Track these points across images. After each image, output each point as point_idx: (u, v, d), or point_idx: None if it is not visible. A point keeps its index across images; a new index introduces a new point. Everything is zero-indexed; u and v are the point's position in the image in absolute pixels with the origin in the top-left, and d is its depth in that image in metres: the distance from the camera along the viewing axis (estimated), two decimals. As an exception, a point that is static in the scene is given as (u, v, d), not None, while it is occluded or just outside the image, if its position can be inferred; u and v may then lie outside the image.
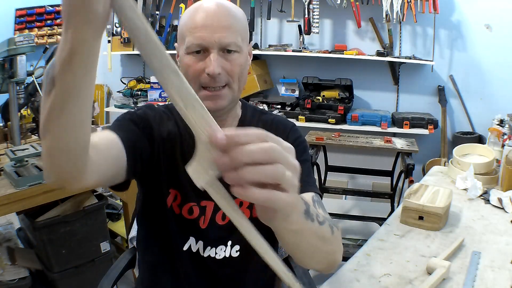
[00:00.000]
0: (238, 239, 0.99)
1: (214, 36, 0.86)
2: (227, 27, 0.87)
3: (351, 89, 3.12)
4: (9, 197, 1.54)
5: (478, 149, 1.74)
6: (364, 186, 3.25)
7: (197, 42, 0.86)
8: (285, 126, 1.03)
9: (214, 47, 0.86)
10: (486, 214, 1.35)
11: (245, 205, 0.96)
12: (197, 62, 0.88)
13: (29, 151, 1.70)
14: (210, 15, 0.87)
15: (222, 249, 0.99)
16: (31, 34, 1.85)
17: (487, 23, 2.87)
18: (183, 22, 0.90)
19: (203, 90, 0.89)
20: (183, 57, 0.89)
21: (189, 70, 0.88)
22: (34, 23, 3.65)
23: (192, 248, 0.97)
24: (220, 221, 0.97)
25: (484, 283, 0.96)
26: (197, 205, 0.96)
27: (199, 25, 0.86)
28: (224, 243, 0.99)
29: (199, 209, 0.96)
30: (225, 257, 0.99)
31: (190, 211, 0.96)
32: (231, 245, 0.99)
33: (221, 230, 0.97)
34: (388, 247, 1.12)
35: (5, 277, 1.79)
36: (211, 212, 0.96)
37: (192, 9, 0.90)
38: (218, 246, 0.98)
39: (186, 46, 0.88)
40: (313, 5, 2.97)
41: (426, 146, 3.04)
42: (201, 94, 0.89)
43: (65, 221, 1.84)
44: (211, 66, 0.86)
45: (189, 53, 0.88)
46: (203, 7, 0.88)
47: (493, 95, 2.93)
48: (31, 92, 1.88)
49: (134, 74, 3.81)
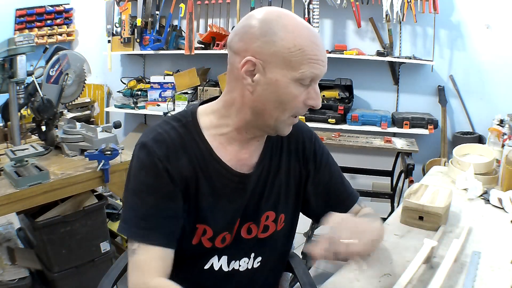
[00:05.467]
0: (261, 251, 1.00)
1: (323, 69, 0.84)
2: (326, 59, 0.85)
3: (351, 89, 3.12)
4: (9, 197, 1.54)
5: (478, 149, 1.74)
6: (364, 186, 3.25)
7: (313, 76, 0.82)
8: (309, 135, 1.04)
9: (319, 79, 0.85)
10: (486, 214, 1.35)
11: (270, 219, 0.97)
12: (302, 92, 0.84)
13: (29, 151, 1.69)
14: (319, 45, 0.83)
15: (245, 261, 0.98)
16: (31, 34, 1.85)
17: (487, 23, 2.87)
18: (294, 44, 0.80)
19: (292, 118, 0.88)
20: (288, 85, 0.81)
21: (295, 101, 0.84)
22: (34, 23, 3.66)
23: (215, 267, 0.96)
24: (245, 235, 0.96)
25: (484, 283, 0.96)
26: (229, 232, 0.94)
27: (318, 56, 0.82)
28: (248, 255, 0.98)
29: (231, 234, 0.94)
30: (247, 268, 0.99)
31: (223, 240, 0.94)
32: (254, 257, 0.99)
33: (246, 244, 0.97)
34: (388, 247, 1.12)
35: (5, 277, 1.79)
36: (237, 227, 0.95)
37: (300, 30, 0.81)
38: (242, 259, 0.98)
39: (302, 76, 0.81)
40: (313, 5, 2.97)
41: (426, 146, 3.04)
42: (288, 122, 0.88)
43: (65, 221, 1.84)
44: (318, 100, 0.85)
45: (299, 82, 0.82)
46: (312, 33, 0.83)
47: (493, 95, 2.92)
48: (31, 92, 1.88)
49: (134, 74, 3.81)
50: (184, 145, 0.88)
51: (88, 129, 1.99)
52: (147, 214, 0.84)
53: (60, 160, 1.90)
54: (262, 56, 0.81)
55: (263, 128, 0.90)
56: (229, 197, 0.92)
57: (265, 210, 0.97)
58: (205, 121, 0.92)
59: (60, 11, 3.82)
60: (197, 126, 0.90)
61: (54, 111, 1.94)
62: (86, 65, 2.08)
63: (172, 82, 3.46)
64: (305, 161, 1.01)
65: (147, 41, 3.41)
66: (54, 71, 1.94)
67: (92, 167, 1.80)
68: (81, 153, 1.93)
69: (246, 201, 0.94)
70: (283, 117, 0.86)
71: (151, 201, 0.85)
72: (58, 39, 3.78)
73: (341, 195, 1.06)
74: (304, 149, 1.01)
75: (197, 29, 3.42)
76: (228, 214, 0.93)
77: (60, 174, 1.73)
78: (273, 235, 0.99)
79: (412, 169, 2.31)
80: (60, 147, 1.97)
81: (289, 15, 0.83)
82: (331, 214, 0.85)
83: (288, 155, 1.00)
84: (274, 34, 0.80)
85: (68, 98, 2.09)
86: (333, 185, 1.05)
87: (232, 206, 0.93)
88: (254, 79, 0.82)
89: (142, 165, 0.85)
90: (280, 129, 0.89)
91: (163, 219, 0.85)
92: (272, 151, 0.98)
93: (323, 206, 1.03)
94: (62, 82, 1.97)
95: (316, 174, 1.02)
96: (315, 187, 1.03)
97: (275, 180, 0.98)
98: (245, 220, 0.96)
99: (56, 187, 1.68)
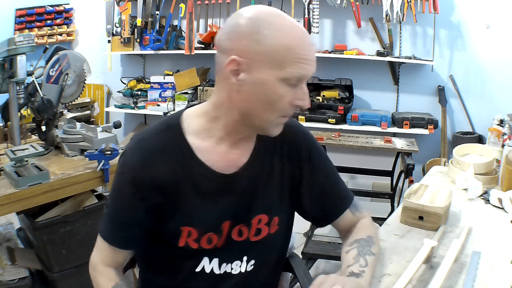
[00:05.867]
0: (254, 255, 0.98)
1: (312, 69, 0.83)
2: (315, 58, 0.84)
3: (351, 89, 3.12)
4: (9, 197, 1.54)
5: (478, 149, 1.74)
6: (364, 186, 3.25)
7: (299, 76, 0.81)
8: (304, 136, 1.02)
9: (308, 79, 0.84)
10: (486, 214, 1.35)
11: (263, 222, 0.96)
12: (289, 92, 0.82)
13: (29, 151, 1.69)
14: (308, 44, 0.82)
15: (238, 264, 0.97)
16: (31, 34, 1.85)
17: (487, 23, 2.87)
18: (280, 43, 0.79)
19: (280, 118, 0.87)
20: (275, 84, 0.80)
21: (281, 101, 0.82)
22: (34, 23, 3.65)
23: (206, 269, 0.95)
24: (236, 237, 0.95)
25: (484, 283, 0.96)
26: (215, 232, 0.93)
27: (305, 56, 0.80)
28: (240, 258, 0.97)
29: (217, 235, 0.93)
30: (240, 272, 0.97)
31: (209, 241, 0.93)
32: (246, 260, 0.97)
33: (238, 246, 0.96)
34: (388, 247, 1.12)
35: (5, 277, 1.79)
36: (227, 230, 0.94)
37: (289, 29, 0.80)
38: (234, 262, 0.97)
39: (288, 76, 0.80)
40: (313, 5, 2.97)
41: (426, 146, 3.04)
42: (276, 122, 0.87)
43: (65, 221, 1.84)
44: (306, 100, 0.84)
45: (286, 82, 0.81)
46: (301, 32, 0.81)
47: (493, 95, 2.92)
48: (31, 92, 1.88)
49: (134, 74, 3.81)
50: (165, 149, 0.89)
51: (88, 129, 1.99)
52: (111, 215, 0.94)
53: (60, 160, 1.90)
54: (249, 55, 0.80)
55: (252, 128, 0.89)
56: (213, 198, 0.91)
57: (257, 213, 0.95)
58: (193, 124, 0.92)
59: (60, 11, 3.82)
60: (180, 129, 0.91)
61: (54, 111, 1.94)
62: (86, 65, 2.08)
63: (172, 82, 3.46)
64: (300, 163, 0.99)
65: (147, 41, 3.41)
66: (54, 71, 1.94)
67: (92, 167, 1.80)
68: (81, 153, 1.93)
69: (235, 202, 0.93)
70: (270, 117, 0.85)
71: (114, 205, 0.94)
72: (58, 39, 3.78)
73: (336, 197, 1.03)
74: (299, 150, 0.99)
75: (197, 29, 3.42)
76: (213, 215, 0.92)
77: (60, 174, 1.73)
78: (267, 239, 0.98)
79: (412, 169, 2.31)
80: (60, 147, 1.97)
81: (277, 14, 0.82)
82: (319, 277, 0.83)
83: (282, 156, 0.98)
84: (261, 33, 0.79)
85: (68, 98, 2.09)
86: (328, 187, 1.02)
87: (217, 206, 0.92)
88: (240, 78, 0.81)
89: (117, 171, 0.92)
90: (268, 129, 0.88)
91: (120, 224, 0.93)
92: (264, 152, 0.96)
93: (318, 208, 1.02)
94: (62, 82, 1.98)
95: (311, 175, 1.00)
96: (310, 189, 1.00)
97: (268, 182, 0.96)
98: (236, 222, 0.94)
99: (56, 187, 1.68)
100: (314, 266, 2.39)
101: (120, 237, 0.94)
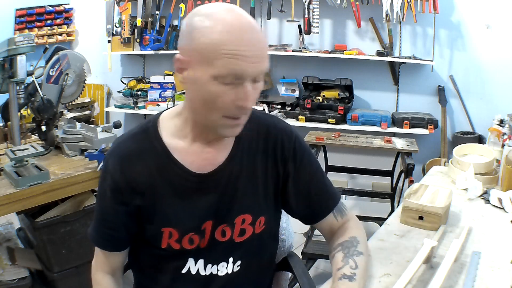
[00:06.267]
0: (240, 255, 0.97)
1: (251, 66, 0.76)
2: (263, 55, 0.78)
3: (351, 89, 3.12)
4: (9, 197, 1.54)
5: (478, 149, 1.74)
6: (364, 186, 3.25)
7: (233, 73, 0.75)
8: (289, 134, 0.98)
9: (249, 77, 0.77)
10: (486, 214, 1.35)
11: (247, 222, 0.95)
12: (226, 91, 0.77)
13: (29, 151, 1.69)
14: (246, 40, 0.75)
15: (224, 265, 0.96)
16: (31, 34, 1.85)
17: (487, 23, 2.87)
18: (208, 38, 0.75)
19: (225, 118, 0.81)
20: (208, 82, 0.76)
21: (218, 100, 0.78)
22: (34, 23, 3.65)
23: (192, 271, 0.95)
24: (220, 237, 0.94)
25: (484, 283, 0.96)
26: (196, 233, 0.92)
27: (240, 52, 0.74)
28: (225, 260, 0.96)
29: (198, 235, 0.92)
30: (227, 273, 0.96)
31: (191, 241, 0.92)
32: (232, 261, 0.96)
33: (222, 247, 0.95)
34: (388, 247, 1.12)
35: (5, 277, 1.79)
36: (210, 230, 0.93)
37: (223, 24, 0.75)
38: (219, 264, 0.95)
39: (219, 73, 0.75)
40: (313, 5, 2.97)
41: (426, 146, 3.04)
42: (221, 123, 0.82)
43: (65, 221, 1.84)
44: (247, 101, 0.78)
45: (220, 80, 0.76)
46: (239, 27, 0.75)
47: (493, 95, 2.93)
48: (31, 92, 1.88)
49: (134, 74, 3.81)
50: (141, 152, 0.90)
51: (88, 129, 1.99)
52: (97, 218, 0.97)
53: (60, 160, 1.90)
54: (187, 53, 0.79)
55: (206, 128, 0.88)
56: (191, 197, 0.91)
57: (240, 212, 0.94)
58: (169, 125, 0.92)
59: (60, 11, 3.82)
60: (156, 132, 0.91)
61: (54, 111, 1.94)
62: (86, 65, 2.08)
63: (172, 82, 3.47)
64: (283, 161, 0.97)
65: (147, 41, 3.41)
66: (54, 71, 1.94)
67: (92, 167, 1.80)
68: (81, 153, 1.93)
69: (216, 201, 0.92)
70: (212, 117, 0.81)
71: (99, 210, 0.96)
72: (58, 39, 3.77)
73: (323, 195, 1.01)
74: (282, 148, 0.96)
75: (197, 29, 3.41)
76: (192, 215, 0.91)
77: (60, 174, 1.73)
78: (252, 239, 0.96)
79: (412, 169, 2.31)
80: (60, 147, 1.97)
81: (220, 10, 0.77)
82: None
83: (264, 155, 0.96)
84: (195, 30, 0.77)
85: (68, 98, 2.09)
86: (314, 185, 1.00)
87: (196, 206, 0.91)
88: (183, 77, 0.81)
89: (100, 176, 0.95)
90: (217, 130, 0.85)
91: (106, 228, 0.95)
92: (245, 150, 0.94)
93: (304, 207, 1.00)
94: (62, 82, 1.98)
95: (296, 174, 0.98)
96: (295, 187, 0.98)
97: (251, 181, 0.95)
98: (218, 222, 0.93)
99: (56, 187, 1.68)
100: (314, 266, 2.39)
101: (107, 240, 0.97)
